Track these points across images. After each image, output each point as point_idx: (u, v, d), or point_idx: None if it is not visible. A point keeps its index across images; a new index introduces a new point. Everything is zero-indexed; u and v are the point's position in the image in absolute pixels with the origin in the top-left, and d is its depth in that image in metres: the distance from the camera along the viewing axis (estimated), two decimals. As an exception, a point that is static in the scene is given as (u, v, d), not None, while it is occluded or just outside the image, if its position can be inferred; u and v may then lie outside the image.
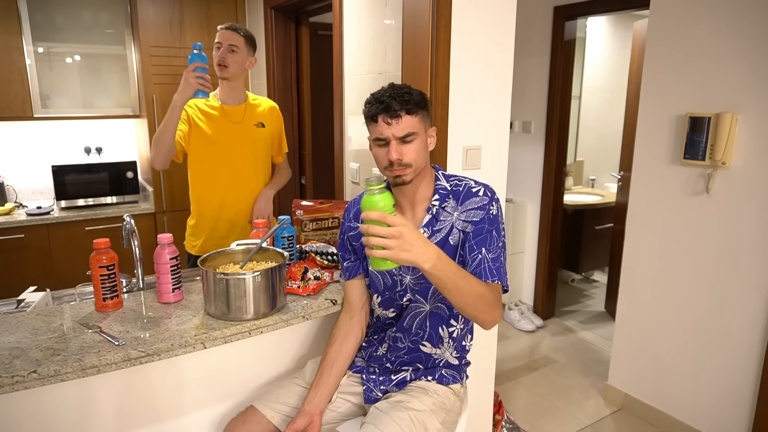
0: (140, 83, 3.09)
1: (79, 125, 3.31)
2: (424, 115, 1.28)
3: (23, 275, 2.85)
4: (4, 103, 2.84)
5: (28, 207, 3.08)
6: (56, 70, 2.99)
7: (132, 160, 3.26)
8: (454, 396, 1.41)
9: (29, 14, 2.82)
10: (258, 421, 1.36)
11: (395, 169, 1.26)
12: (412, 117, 1.24)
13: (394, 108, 1.22)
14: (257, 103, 2.16)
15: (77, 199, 3.09)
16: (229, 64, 2.00)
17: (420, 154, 1.26)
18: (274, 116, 2.20)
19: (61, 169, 3.03)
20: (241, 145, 2.08)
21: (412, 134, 1.24)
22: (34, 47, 2.87)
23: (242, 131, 2.08)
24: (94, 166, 3.12)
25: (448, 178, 1.36)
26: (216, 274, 1.33)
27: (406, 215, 1.36)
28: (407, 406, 1.30)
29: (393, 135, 1.24)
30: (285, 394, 1.42)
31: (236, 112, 2.08)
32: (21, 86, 2.86)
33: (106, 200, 3.16)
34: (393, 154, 1.24)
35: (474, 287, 1.16)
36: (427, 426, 1.30)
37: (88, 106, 3.12)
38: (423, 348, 1.41)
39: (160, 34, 2.98)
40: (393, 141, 1.24)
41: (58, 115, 3.04)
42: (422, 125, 1.27)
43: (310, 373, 1.48)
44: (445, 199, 1.33)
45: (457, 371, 1.43)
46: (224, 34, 2.00)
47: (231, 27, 2.01)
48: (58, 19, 2.92)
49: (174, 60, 3.04)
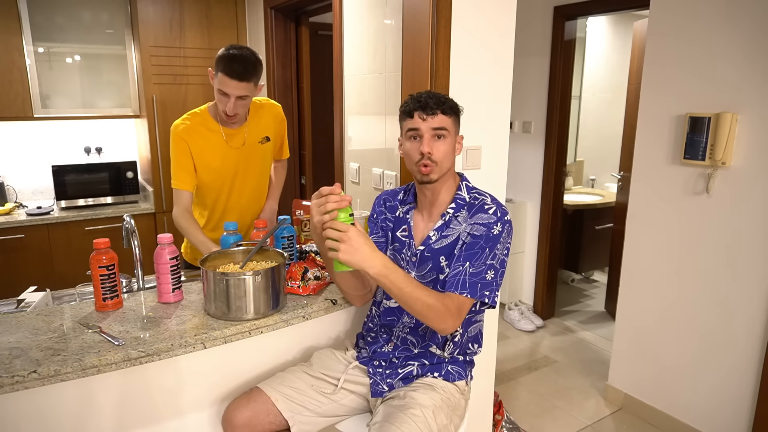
0: (140, 83, 3.09)
1: (79, 125, 3.31)
2: (455, 120, 1.38)
3: (23, 275, 2.85)
4: (4, 103, 2.84)
5: (28, 207, 3.08)
6: (56, 70, 2.99)
7: (132, 160, 3.26)
8: (459, 393, 1.43)
9: (29, 14, 2.82)
10: (263, 401, 1.37)
11: (424, 162, 1.34)
12: (446, 117, 1.34)
13: (431, 106, 1.33)
14: (259, 115, 1.96)
15: (77, 199, 3.09)
16: (240, 112, 1.81)
17: (448, 155, 1.36)
18: (278, 123, 2.06)
19: (61, 169, 3.03)
20: (243, 170, 1.95)
21: (445, 130, 1.34)
22: (34, 47, 2.87)
23: (244, 155, 1.93)
24: (94, 166, 3.12)
25: (470, 189, 1.43)
26: (216, 274, 1.33)
27: (424, 217, 1.45)
28: (418, 403, 1.32)
29: (428, 127, 1.33)
30: (291, 379, 1.44)
31: (237, 136, 1.90)
32: (21, 86, 2.86)
33: (106, 200, 3.16)
34: (425, 146, 1.33)
35: (421, 296, 1.23)
36: (437, 421, 1.31)
37: (88, 106, 3.12)
38: (430, 349, 1.43)
39: (160, 34, 2.98)
40: (426, 135, 1.34)
41: (58, 115, 3.04)
42: (454, 128, 1.37)
43: (317, 363, 1.50)
44: (460, 209, 1.39)
45: (463, 368, 1.45)
46: (231, 84, 1.67)
47: (240, 73, 1.66)
48: (58, 19, 2.92)
49: (174, 60, 3.04)
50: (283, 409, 1.37)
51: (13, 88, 2.84)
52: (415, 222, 1.46)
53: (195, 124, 1.84)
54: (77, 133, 3.32)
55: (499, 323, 3.45)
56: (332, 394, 1.44)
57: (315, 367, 1.49)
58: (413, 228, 1.45)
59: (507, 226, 1.34)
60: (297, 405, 1.39)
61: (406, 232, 1.45)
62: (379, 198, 1.58)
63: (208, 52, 3.13)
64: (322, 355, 1.53)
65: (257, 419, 1.36)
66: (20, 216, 2.88)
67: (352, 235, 1.19)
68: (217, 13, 3.14)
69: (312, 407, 1.41)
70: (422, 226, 1.44)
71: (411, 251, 1.43)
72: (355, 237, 1.19)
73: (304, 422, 1.39)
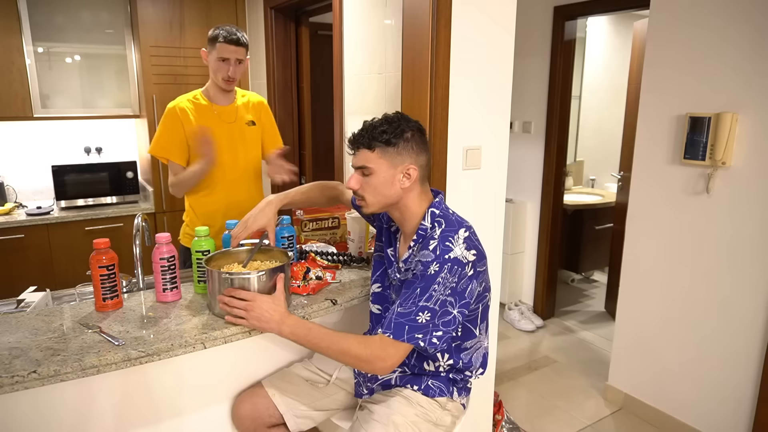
0: (140, 83, 3.09)
1: (79, 125, 3.31)
2: (388, 150, 1.26)
3: (23, 275, 2.85)
4: (4, 103, 2.84)
5: (28, 207, 3.08)
6: (56, 70, 2.99)
7: (132, 160, 3.26)
8: (440, 409, 1.38)
9: (29, 14, 2.82)
10: (263, 396, 1.46)
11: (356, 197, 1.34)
12: (371, 152, 1.27)
13: (353, 142, 1.30)
14: (246, 100, 2.15)
15: (77, 199, 3.09)
16: (237, 76, 2.01)
17: (378, 189, 1.28)
18: (262, 112, 2.19)
19: (61, 169, 3.03)
20: (235, 144, 2.08)
21: (365, 168, 1.28)
22: (34, 47, 2.87)
23: (235, 130, 2.08)
24: (94, 166, 3.12)
25: (434, 217, 1.30)
26: (221, 274, 1.33)
27: (404, 241, 1.39)
28: (390, 423, 1.31)
29: (354, 163, 1.31)
30: (290, 375, 1.52)
31: (228, 111, 2.08)
32: (21, 86, 2.86)
33: (106, 200, 3.16)
34: (350, 182, 1.32)
35: (341, 348, 1.23)
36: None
37: (88, 106, 3.12)
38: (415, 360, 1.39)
39: (160, 34, 2.98)
40: (354, 171, 1.32)
41: (58, 115, 3.04)
42: (383, 161, 1.26)
43: (316, 358, 1.57)
44: (418, 242, 1.31)
45: (445, 385, 1.38)
46: (230, 49, 1.95)
47: (234, 40, 1.95)
48: (58, 19, 2.92)
49: (174, 60, 3.04)
50: (279, 404, 1.44)
51: (13, 88, 2.84)
52: (400, 244, 1.41)
53: (188, 101, 2.04)
54: (77, 133, 3.32)
55: (499, 323, 3.45)
56: (324, 388, 1.51)
57: (315, 362, 1.56)
58: (399, 250, 1.41)
59: (448, 265, 1.20)
60: (292, 400, 1.46)
61: (394, 253, 1.42)
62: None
63: (208, 52, 3.12)
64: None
65: (258, 412, 1.44)
66: (20, 216, 2.88)
67: (256, 304, 1.25)
68: (217, 13, 3.14)
69: (307, 401, 1.48)
70: (402, 251, 1.39)
71: (394, 275, 1.39)
72: (258, 305, 1.25)
73: (300, 416, 1.46)
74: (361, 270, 1.74)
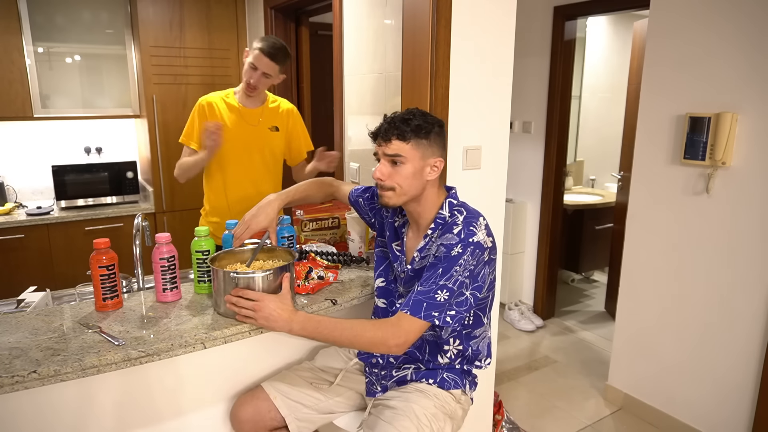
0: (140, 83, 3.09)
1: (79, 125, 3.31)
2: (420, 143, 1.30)
3: (23, 275, 2.85)
4: (4, 103, 2.84)
5: (28, 207, 3.08)
6: (56, 70, 2.99)
7: (132, 160, 3.26)
8: (454, 402, 1.41)
9: (29, 14, 2.82)
10: (264, 399, 1.43)
11: (379, 186, 1.34)
12: (404, 143, 1.29)
13: (385, 133, 1.31)
14: (276, 105, 2.21)
15: (77, 199, 3.09)
16: (260, 87, 2.08)
17: (407, 180, 1.31)
18: (290, 119, 2.24)
19: (61, 169, 3.03)
20: (254, 148, 2.15)
21: (399, 156, 1.30)
22: (34, 47, 2.87)
23: (256, 134, 2.15)
24: (94, 166, 3.12)
25: (453, 207, 1.36)
26: (227, 273, 1.33)
27: (414, 234, 1.42)
28: (413, 413, 1.31)
29: (383, 153, 1.32)
30: (291, 377, 1.49)
31: (253, 114, 2.14)
32: (21, 86, 2.86)
33: (106, 200, 3.16)
34: (376, 172, 1.33)
35: (355, 333, 1.26)
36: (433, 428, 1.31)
37: (88, 106, 3.12)
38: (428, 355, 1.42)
39: (160, 34, 2.98)
40: (382, 160, 1.33)
41: (58, 115, 3.04)
42: (415, 152, 1.30)
43: (320, 359, 1.56)
44: (437, 229, 1.35)
45: (459, 377, 1.42)
46: (263, 61, 1.99)
47: (270, 54, 1.98)
48: (58, 19, 2.92)
49: (174, 60, 3.04)
50: (281, 407, 1.42)
51: (13, 88, 2.84)
52: (408, 237, 1.44)
53: (218, 98, 2.13)
54: (77, 133, 3.32)
55: (499, 323, 3.45)
56: (329, 389, 1.48)
57: (317, 363, 1.55)
58: (406, 244, 1.44)
59: (471, 248, 1.26)
60: (294, 402, 1.44)
61: (400, 247, 1.44)
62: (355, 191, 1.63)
63: (208, 52, 3.13)
64: (326, 352, 1.58)
65: (259, 416, 1.42)
66: (20, 216, 2.88)
67: (264, 305, 1.26)
68: (217, 13, 3.14)
69: (310, 404, 1.45)
70: (412, 243, 1.42)
71: (401, 267, 1.42)
72: (266, 305, 1.26)
73: (302, 419, 1.44)
74: (361, 270, 1.74)
